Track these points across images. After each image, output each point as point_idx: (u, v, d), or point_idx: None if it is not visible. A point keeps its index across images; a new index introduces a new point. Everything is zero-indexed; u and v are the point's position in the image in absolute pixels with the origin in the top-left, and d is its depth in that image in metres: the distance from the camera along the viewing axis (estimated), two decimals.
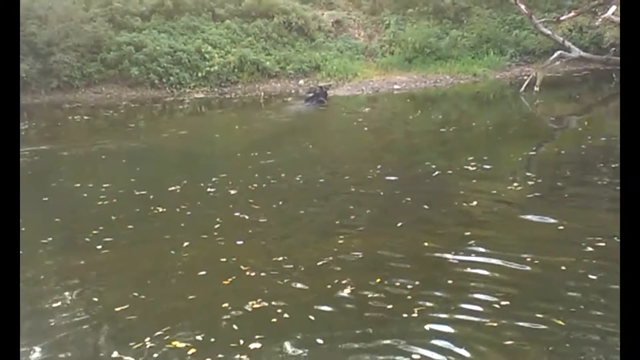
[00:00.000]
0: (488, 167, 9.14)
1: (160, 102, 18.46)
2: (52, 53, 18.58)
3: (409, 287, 5.17)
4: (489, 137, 11.85)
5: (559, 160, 9.76)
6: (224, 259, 5.95)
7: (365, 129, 13.44)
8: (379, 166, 9.43)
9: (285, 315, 4.81)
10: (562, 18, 18.11)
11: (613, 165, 9.02)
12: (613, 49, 18.80)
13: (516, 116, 15.09)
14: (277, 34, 21.13)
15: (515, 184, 8.11)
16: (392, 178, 8.65)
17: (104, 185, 8.91)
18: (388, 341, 4.40)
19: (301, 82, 20.19)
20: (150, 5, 20.89)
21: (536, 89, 16.31)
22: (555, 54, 17.36)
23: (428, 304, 4.88)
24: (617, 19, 16.94)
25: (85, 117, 16.50)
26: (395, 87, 19.26)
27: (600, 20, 16.68)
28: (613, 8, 16.34)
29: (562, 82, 18.68)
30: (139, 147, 12.54)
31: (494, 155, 10.09)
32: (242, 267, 5.72)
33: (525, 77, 17.48)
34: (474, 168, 9.00)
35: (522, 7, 17.99)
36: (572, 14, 18.12)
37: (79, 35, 19.07)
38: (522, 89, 16.49)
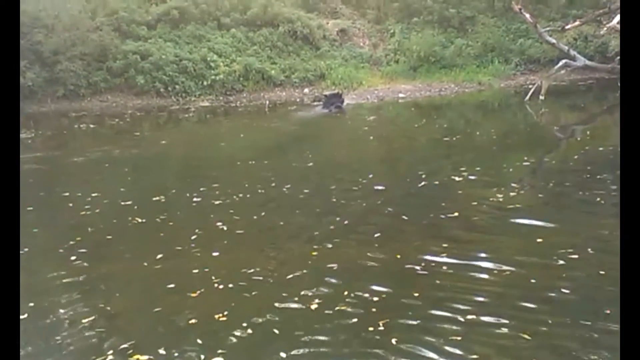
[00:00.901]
0: (477, 176, 9.04)
1: (166, 111, 18.54)
2: (59, 62, 18.70)
3: (376, 298, 5.12)
4: (493, 146, 11.79)
5: (562, 169, 9.72)
6: (196, 271, 5.89)
7: (371, 137, 13.44)
8: (370, 175, 9.40)
9: (249, 330, 4.74)
10: (567, 27, 18.12)
11: (617, 173, 9.05)
12: (618, 57, 18.77)
13: (521, 125, 15.07)
14: (282, 43, 21.23)
15: (499, 195, 7.94)
16: (380, 188, 8.59)
17: (92, 195, 8.87)
18: (359, 350, 4.38)
19: (306, 90, 20.26)
20: (156, 15, 21.05)
21: (541, 97, 16.30)
22: (560, 63, 17.35)
23: (397, 313, 4.85)
24: None
25: (91, 126, 16.57)
26: (401, 95, 19.28)
27: (605, 29, 16.68)
28: (618, 17, 16.31)
29: (567, 91, 18.68)
30: (141, 156, 12.58)
31: (493, 163, 10.00)
32: (212, 279, 5.66)
33: (530, 86, 17.49)
34: (472, 177, 8.96)
35: (527, 16, 18.00)
36: (577, 22, 18.12)
37: (85, 44, 19.21)
38: (527, 97, 16.48)
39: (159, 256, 6.32)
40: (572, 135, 13.31)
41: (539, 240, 6.28)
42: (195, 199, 8.42)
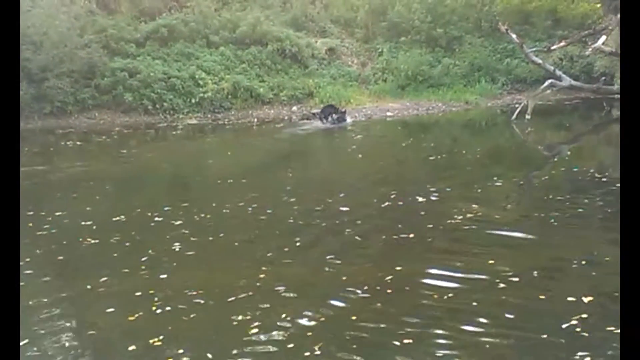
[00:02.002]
0: (453, 196, 9.05)
1: (154, 128, 18.49)
2: (46, 78, 18.61)
3: (312, 323, 5.07)
4: (478, 165, 11.73)
5: (547, 187, 9.72)
6: (139, 293, 5.81)
7: (356, 156, 13.44)
8: (342, 194, 9.35)
9: (185, 358, 4.67)
10: (552, 47, 18.31)
11: (605, 187, 9.15)
12: (603, 77, 19.03)
13: (508, 144, 15.16)
14: (270, 61, 21.29)
15: (468, 214, 7.90)
16: (345, 209, 8.51)
17: (56, 214, 8.74)
18: None
19: (294, 108, 20.30)
20: (145, 32, 21.07)
21: (527, 116, 16.41)
22: (546, 83, 17.50)
23: (327, 341, 4.79)
24: (607, 48, 17.17)
25: (78, 143, 16.49)
26: (388, 114, 19.37)
27: (590, 49, 16.86)
28: (603, 38, 16.55)
29: (553, 110, 18.85)
30: (122, 173, 12.47)
31: (474, 182, 9.85)
32: (154, 301, 5.60)
33: (516, 105, 17.62)
34: (447, 196, 8.97)
35: (514, 36, 18.20)
36: (562, 43, 18.32)
37: (73, 61, 19.15)
38: (514, 116, 16.60)
39: (104, 279, 6.21)
40: (558, 154, 13.39)
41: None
42: (156, 219, 8.32)
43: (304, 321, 5.11)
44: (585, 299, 5.18)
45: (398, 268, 6.14)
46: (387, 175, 11.25)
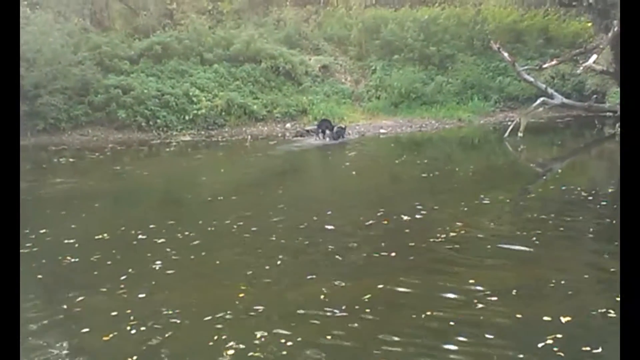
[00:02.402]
0: (443, 213, 9.07)
1: (147, 145, 18.45)
2: (40, 95, 18.57)
3: (289, 343, 5.01)
4: (470, 183, 11.78)
5: (535, 206, 9.69)
6: (115, 313, 5.74)
7: (348, 174, 13.42)
8: (329, 212, 9.30)
9: None
10: (544, 66, 18.47)
11: (590, 206, 9.24)
12: (595, 96, 19.25)
13: (500, 161, 15.22)
14: (264, 78, 21.38)
15: (451, 233, 7.89)
16: (330, 227, 8.47)
17: (40, 231, 8.65)
18: None
19: (288, 125, 20.34)
20: (139, 50, 21.14)
21: (520, 134, 16.51)
22: (538, 101, 17.64)
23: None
24: (598, 67, 17.35)
25: (71, 160, 16.42)
26: (382, 131, 19.42)
27: (581, 68, 17.02)
28: (594, 57, 16.70)
29: (545, 128, 18.98)
30: (113, 190, 12.39)
31: (464, 200, 9.85)
32: (130, 320, 5.54)
33: (509, 123, 17.73)
34: (435, 214, 8.97)
35: (505, 54, 18.35)
36: (554, 62, 18.49)
37: (67, 78, 19.15)
38: (506, 134, 16.69)
39: (81, 298, 6.15)
40: (550, 171, 13.45)
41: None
42: (140, 237, 8.26)
43: (281, 341, 5.06)
44: (563, 319, 5.19)
45: (379, 286, 6.13)
46: (378, 193, 11.24)
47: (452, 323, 5.28)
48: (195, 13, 23.87)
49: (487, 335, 5.03)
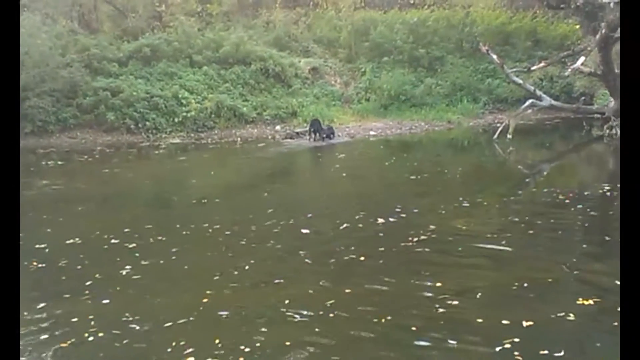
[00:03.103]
0: (429, 214, 9.02)
1: (136, 147, 18.37)
2: (27, 98, 18.43)
3: (247, 349, 4.92)
4: (454, 185, 11.71)
5: (517, 209, 9.60)
6: (76, 319, 5.64)
7: (337, 176, 13.32)
8: (309, 215, 9.24)
9: None
10: (532, 68, 18.56)
11: (579, 206, 9.26)
12: (583, 97, 19.40)
13: (489, 163, 15.26)
14: (254, 81, 21.38)
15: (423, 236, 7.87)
16: (305, 231, 8.35)
17: None
18: None
19: (278, 127, 20.32)
20: (127, 52, 21.08)
21: (509, 136, 16.59)
22: (527, 103, 17.73)
23: None
24: (586, 69, 17.46)
25: (59, 162, 16.29)
26: (372, 133, 19.45)
27: (569, 70, 17.10)
28: (582, 59, 16.79)
29: (534, 130, 19.10)
30: (98, 193, 12.22)
31: (439, 202, 9.81)
32: (90, 327, 5.44)
33: (498, 125, 17.83)
34: (417, 216, 8.93)
35: (494, 56, 18.42)
36: (542, 64, 18.57)
37: (55, 80, 19.06)
38: (496, 136, 16.76)
39: (42, 304, 6.03)
40: (539, 173, 13.50)
41: None
42: (112, 241, 8.14)
43: (240, 347, 4.96)
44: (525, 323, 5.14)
45: (347, 290, 6.09)
46: (361, 196, 11.16)
47: (414, 328, 5.22)
48: (184, 15, 23.86)
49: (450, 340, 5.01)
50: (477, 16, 24.14)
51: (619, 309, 3.96)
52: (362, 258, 7.09)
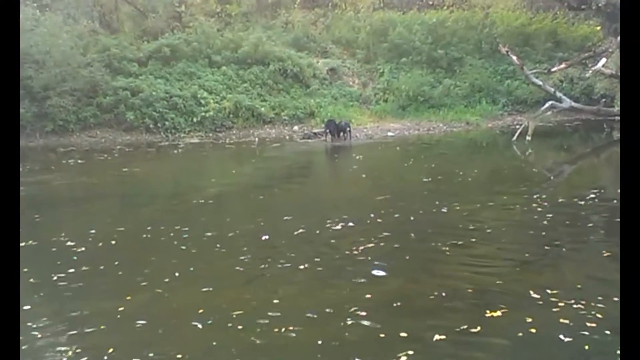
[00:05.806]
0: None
1: (155, 147, 18.52)
2: (49, 97, 18.74)
3: (179, 356, 4.74)
4: (476, 186, 11.58)
5: (544, 210, 9.55)
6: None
7: (352, 178, 13.20)
8: (286, 218, 8.98)
9: None
10: (553, 69, 18.44)
11: (602, 213, 9.05)
12: (603, 99, 19.15)
13: (508, 165, 15.05)
14: (272, 81, 21.46)
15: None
16: (265, 237, 7.83)
17: None
18: None
19: (295, 127, 20.38)
20: (147, 52, 21.28)
21: (528, 138, 16.46)
22: (547, 104, 17.58)
23: None
24: (607, 71, 17.27)
25: (79, 161, 16.46)
26: (389, 134, 19.42)
27: (590, 71, 16.99)
28: (603, 60, 16.66)
29: (553, 132, 18.91)
30: (113, 193, 12.27)
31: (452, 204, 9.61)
32: (33, 332, 5.24)
33: (517, 126, 17.68)
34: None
35: (514, 58, 18.30)
36: (562, 65, 18.44)
37: (76, 79, 19.29)
38: (514, 138, 16.64)
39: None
40: (558, 176, 13.35)
41: None
42: (89, 242, 7.97)
43: (179, 354, 4.75)
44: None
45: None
46: (360, 198, 10.82)
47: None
48: (204, 15, 24.04)
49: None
50: (496, 17, 23.99)
51: None
52: (301, 267, 6.71)
